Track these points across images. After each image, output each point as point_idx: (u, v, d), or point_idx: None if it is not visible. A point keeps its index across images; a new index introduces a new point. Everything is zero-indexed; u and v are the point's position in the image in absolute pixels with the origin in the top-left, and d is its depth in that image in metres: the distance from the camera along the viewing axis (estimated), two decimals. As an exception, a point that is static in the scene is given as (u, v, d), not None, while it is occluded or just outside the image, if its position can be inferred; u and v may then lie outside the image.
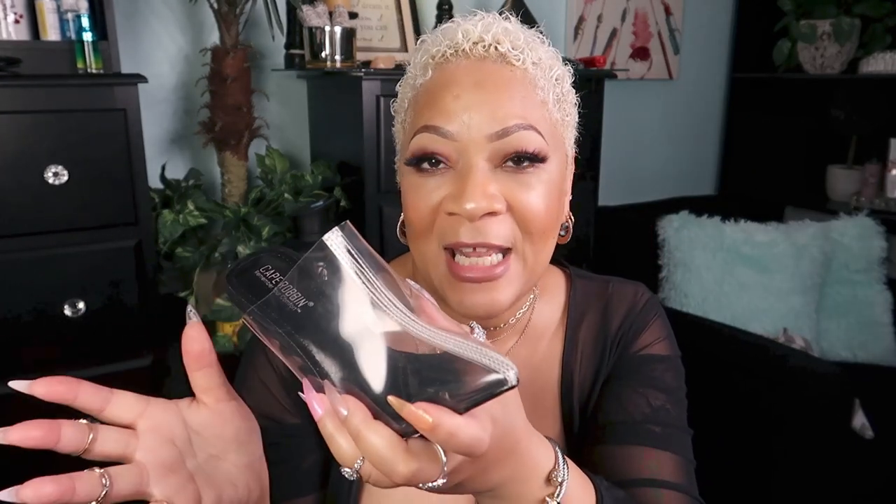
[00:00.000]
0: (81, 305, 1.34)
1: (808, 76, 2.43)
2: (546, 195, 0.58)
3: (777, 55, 2.43)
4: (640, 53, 2.47)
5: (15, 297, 1.30)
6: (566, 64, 0.63)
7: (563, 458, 0.49)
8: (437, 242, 0.58)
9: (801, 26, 2.32)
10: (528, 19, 0.64)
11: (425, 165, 0.58)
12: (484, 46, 0.58)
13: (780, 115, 2.64)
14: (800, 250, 1.97)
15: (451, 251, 0.57)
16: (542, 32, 0.62)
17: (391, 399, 0.37)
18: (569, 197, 0.65)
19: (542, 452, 0.47)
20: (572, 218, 0.65)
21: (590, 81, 1.85)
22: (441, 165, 0.57)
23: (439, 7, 1.86)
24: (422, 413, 0.36)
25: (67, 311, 1.33)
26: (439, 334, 0.39)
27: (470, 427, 0.37)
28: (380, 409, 0.38)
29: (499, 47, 0.58)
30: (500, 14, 0.61)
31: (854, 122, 2.45)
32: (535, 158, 0.57)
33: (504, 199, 0.56)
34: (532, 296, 0.70)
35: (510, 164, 0.57)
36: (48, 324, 1.33)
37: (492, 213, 0.55)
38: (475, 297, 0.57)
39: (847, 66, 2.36)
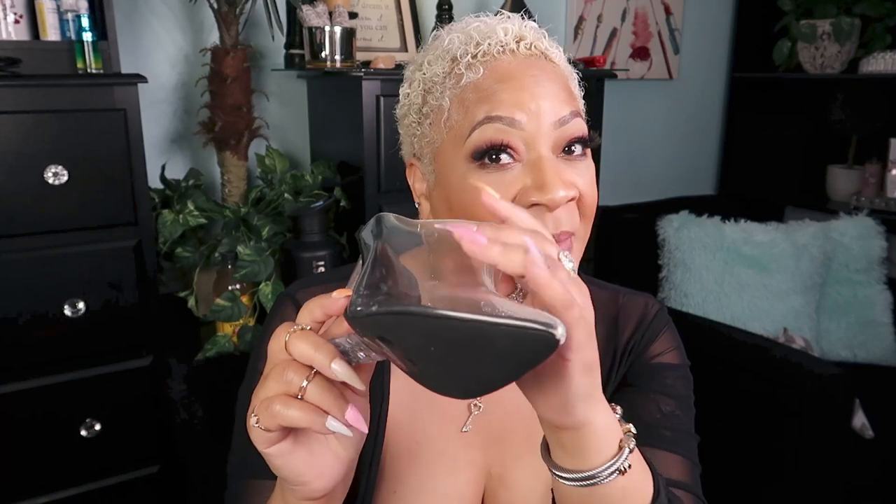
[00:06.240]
0: (81, 305, 1.34)
1: (808, 76, 2.43)
2: (593, 180, 0.61)
3: (777, 55, 2.43)
4: (640, 53, 2.47)
5: (15, 297, 1.30)
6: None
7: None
8: None
9: (801, 26, 2.32)
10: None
11: (486, 160, 0.58)
12: (527, 45, 0.61)
13: (780, 115, 2.64)
14: (800, 250, 1.97)
15: None
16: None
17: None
18: None
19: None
20: None
21: (590, 81, 1.85)
22: (505, 158, 0.58)
23: (439, 7, 1.86)
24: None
25: (67, 311, 1.33)
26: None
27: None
28: None
29: (538, 45, 0.61)
30: (498, 14, 0.63)
31: (854, 122, 2.45)
32: (586, 143, 0.60)
33: None
34: None
35: (563, 153, 0.59)
36: (48, 324, 1.33)
37: (571, 200, 0.58)
38: None
39: (847, 66, 2.36)
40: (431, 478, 0.65)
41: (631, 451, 0.49)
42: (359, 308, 0.38)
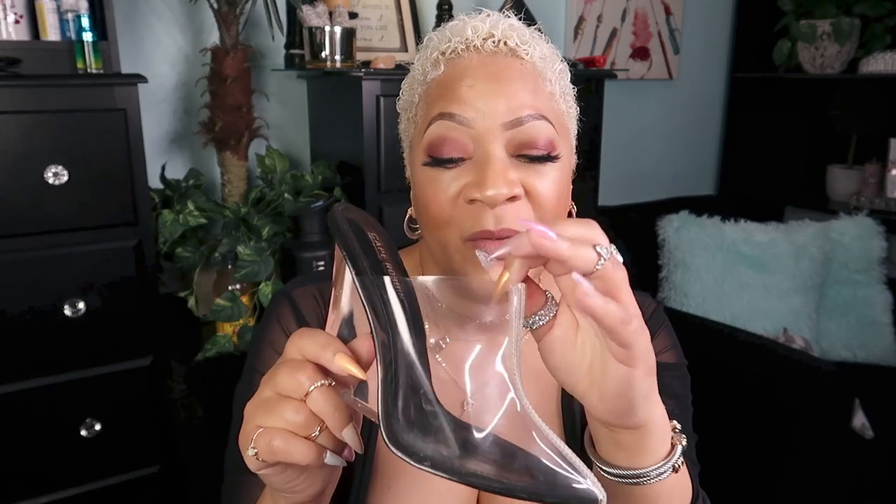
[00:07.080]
0: (81, 305, 1.34)
1: (808, 76, 2.43)
2: (558, 182, 0.59)
3: (777, 55, 2.43)
4: (640, 53, 2.47)
5: (15, 297, 1.30)
6: (563, 61, 0.65)
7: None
8: (458, 234, 0.58)
9: (800, 26, 2.32)
10: (528, 19, 0.66)
11: (438, 156, 0.58)
12: (494, 42, 0.60)
13: (780, 115, 2.64)
14: (800, 250, 1.97)
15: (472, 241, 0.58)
16: (540, 30, 0.64)
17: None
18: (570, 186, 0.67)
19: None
20: (574, 207, 0.67)
21: (590, 81, 1.85)
22: (455, 154, 0.58)
23: (439, 7, 1.86)
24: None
25: (67, 311, 1.33)
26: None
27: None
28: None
29: (508, 42, 0.60)
30: (500, 12, 0.63)
31: (854, 122, 2.45)
32: (548, 158, 0.58)
33: (521, 185, 0.57)
34: None
35: (524, 158, 0.58)
36: (48, 324, 1.33)
37: (512, 199, 0.56)
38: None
39: (847, 66, 2.36)
40: (425, 474, 0.65)
41: (684, 449, 0.50)
42: (405, 443, 0.41)
